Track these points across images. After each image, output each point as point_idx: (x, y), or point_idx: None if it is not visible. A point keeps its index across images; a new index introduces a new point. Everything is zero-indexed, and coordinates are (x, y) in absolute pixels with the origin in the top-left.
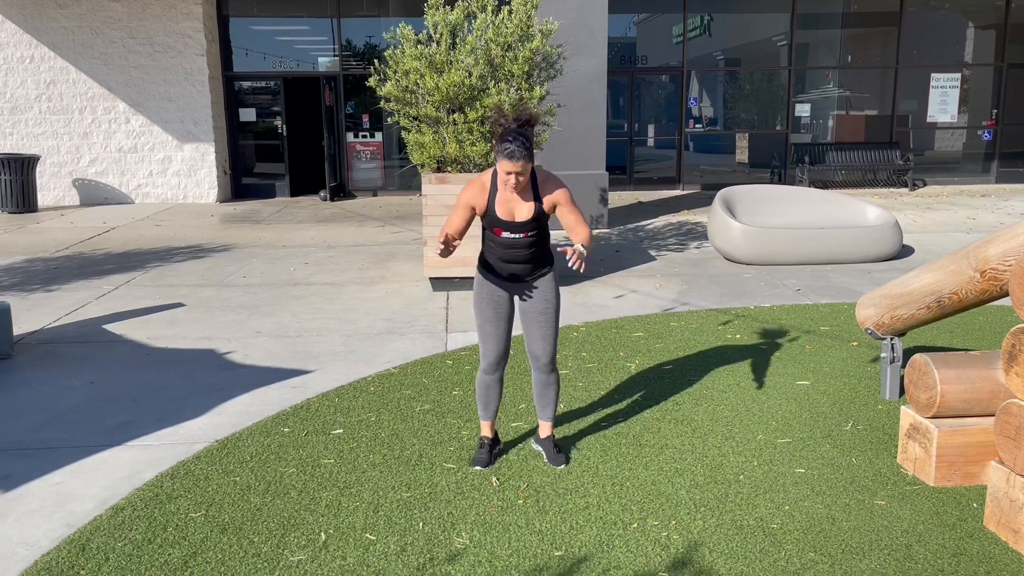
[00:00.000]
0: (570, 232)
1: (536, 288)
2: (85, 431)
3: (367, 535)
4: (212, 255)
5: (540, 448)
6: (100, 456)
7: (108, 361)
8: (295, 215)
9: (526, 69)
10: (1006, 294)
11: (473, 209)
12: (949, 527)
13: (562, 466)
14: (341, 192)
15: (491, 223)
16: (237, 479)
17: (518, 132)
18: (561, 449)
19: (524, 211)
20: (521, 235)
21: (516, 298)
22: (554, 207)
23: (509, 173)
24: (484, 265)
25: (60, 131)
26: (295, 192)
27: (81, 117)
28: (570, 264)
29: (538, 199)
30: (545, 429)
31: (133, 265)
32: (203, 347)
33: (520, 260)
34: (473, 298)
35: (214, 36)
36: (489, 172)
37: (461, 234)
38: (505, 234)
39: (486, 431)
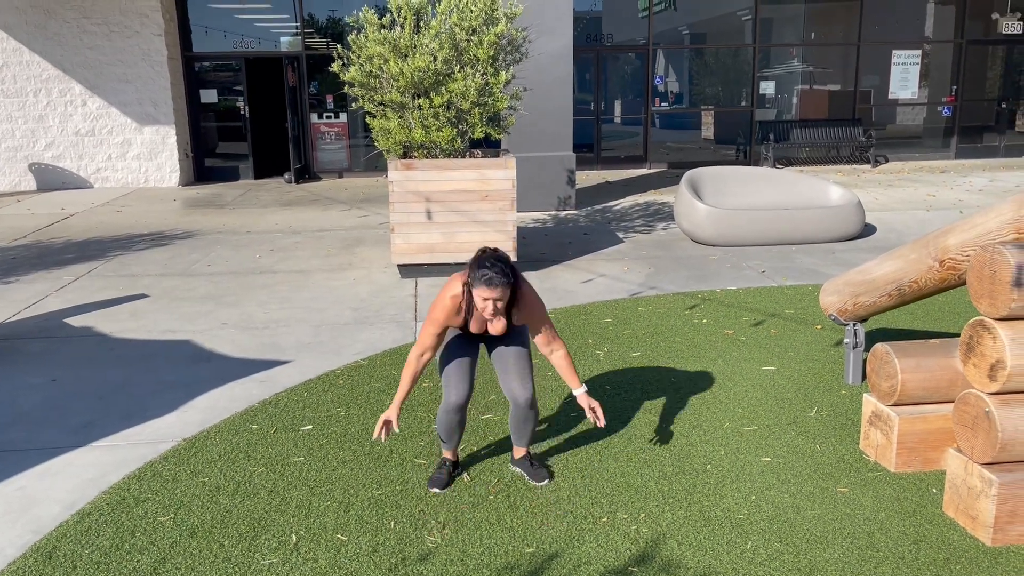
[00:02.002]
0: (543, 348)
1: (508, 338)
2: (49, 432)
3: (338, 536)
4: (175, 242)
5: (519, 469)
6: (65, 458)
7: (70, 357)
8: (259, 199)
9: (491, 53)
10: (964, 283)
11: (445, 331)
12: (909, 514)
13: (546, 481)
14: (306, 174)
15: (463, 332)
16: (206, 480)
17: (496, 257)
18: (540, 463)
19: (498, 326)
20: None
21: (486, 343)
22: (525, 323)
23: (487, 299)
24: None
25: (14, 114)
26: (259, 174)
27: (36, 100)
28: (598, 424)
29: (510, 319)
30: (520, 452)
31: (94, 254)
32: (168, 340)
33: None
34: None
35: (172, 15)
36: (461, 287)
37: (435, 351)
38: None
39: (448, 455)
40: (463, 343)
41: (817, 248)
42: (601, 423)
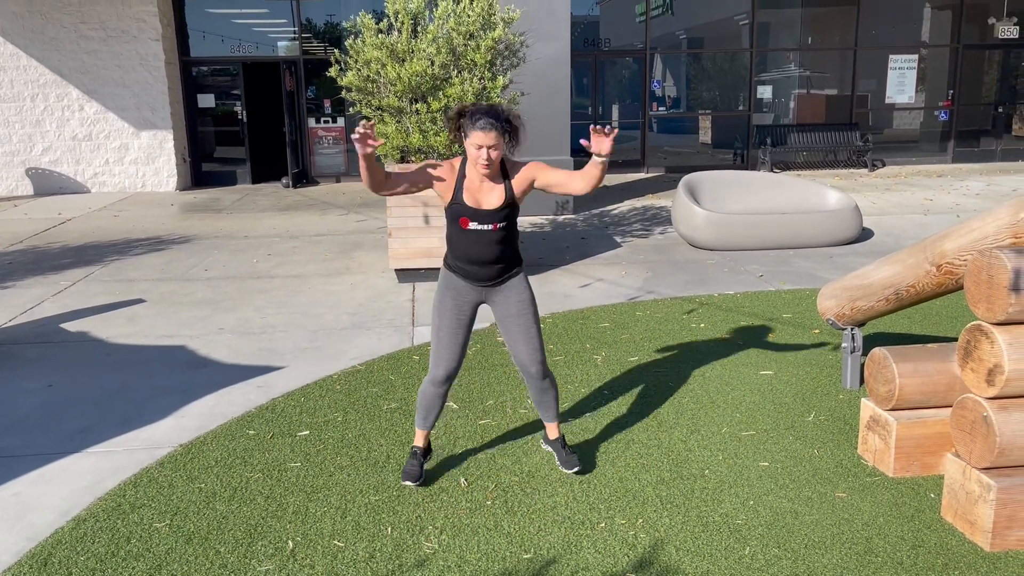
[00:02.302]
0: (570, 181)
1: (507, 291)
2: (44, 437)
3: (335, 542)
4: (172, 247)
5: (550, 448)
6: (60, 464)
7: (67, 362)
8: (257, 203)
9: (489, 58)
10: (961, 287)
11: (430, 181)
12: (908, 519)
13: (575, 469)
14: (304, 178)
15: (456, 213)
16: (202, 486)
17: (489, 107)
18: (573, 450)
19: (493, 198)
20: (489, 226)
21: (487, 305)
22: (530, 183)
23: (480, 147)
24: (450, 268)
25: (11, 119)
26: (256, 179)
27: (33, 104)
28: (601, 141)
29: (508, 187)
30: (552, 430)
31: (91, 259)
32: (165, 345)
33: (488, 260)
34: (434, 298)
35: (169, 20)
36: (459, 158)
37: (390, 180)
38: (472, 225)
39: (419, 440)
40: (457, 310)
41: (814, 252)
42: (608, 134)
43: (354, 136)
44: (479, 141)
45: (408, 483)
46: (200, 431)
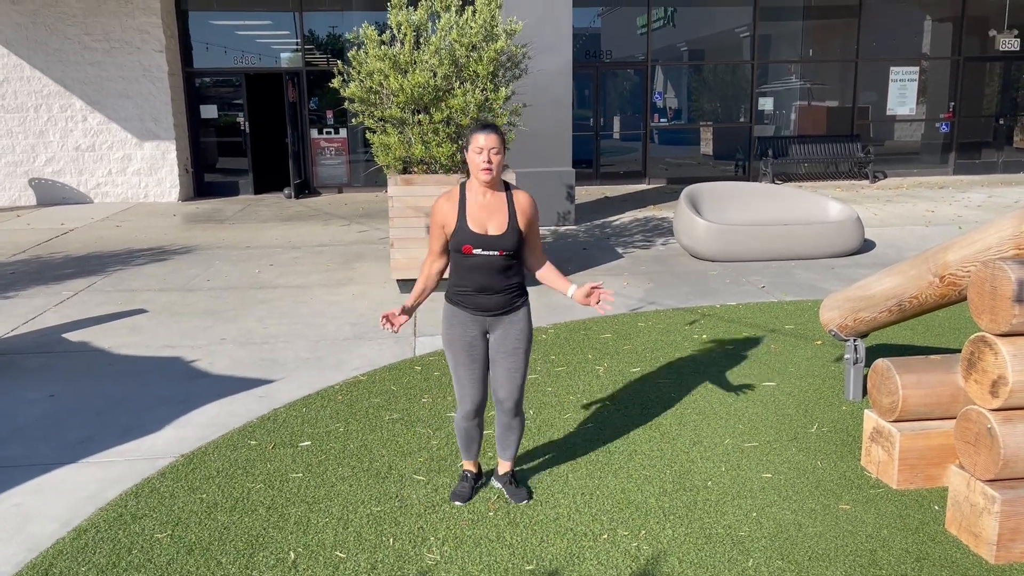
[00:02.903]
0: (530, 256)
1: (509, 325)
2: (46, 447)
3: (337, 553)
4: (174, 257)
5: (499, 485)
6: (62, 474)
7: (68, 372)
8: (259, 214)
9: (491, 69)
10: (964, 298)
11: (442, 226)
12: (912, 531)
13: (524, 501)
14: (306, 189)
15: (460, 241)
16: (203, 496)
17: (488, 121)
18: (520, 483)
19: (497, 223)
20: (495, 253)
21: (489, 335)
22: (527, 224)
23: (482, 150)
24: (453, 300)
25: (15, 129)
26: (259, 190)
27: (36, 115)
28: (603, 303)
29: (512, 212)
30: (504, 467)
31: (93, 269)
32: (167, 355)
33: (494, 289)
34: (443, 337)
35: (173, 31)
36: (456, 189)
37: (444, 260)
38: (477, 251)
39: (469, 467)
40: (468, 346)
41: (816, 263)
42: (605, 303)
43: (389, 328)
44: (480, 144)
45: (457, 503)
46: (201, 441)
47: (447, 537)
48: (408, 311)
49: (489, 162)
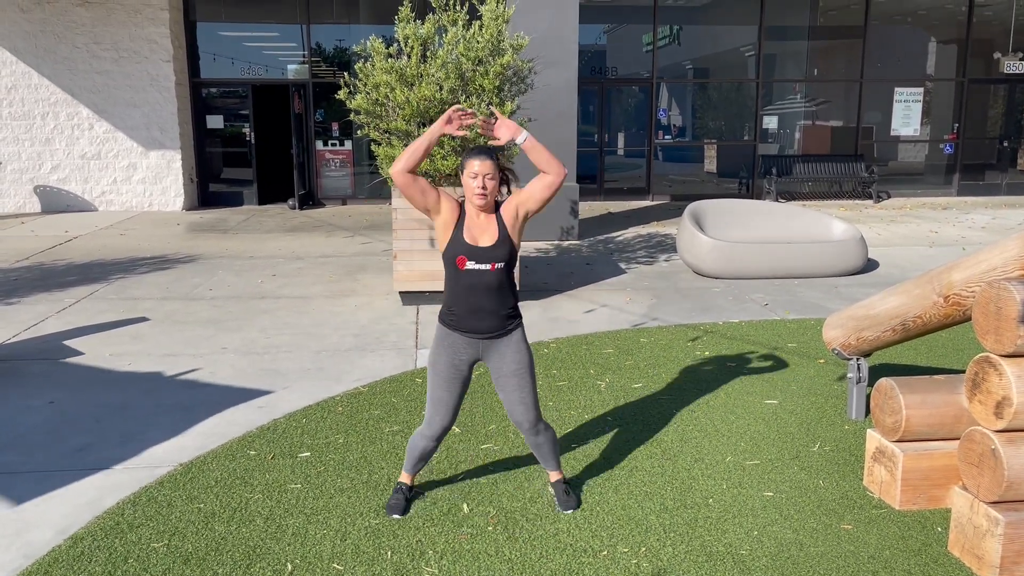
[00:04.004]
0: (538, 179)
1: (504, 348)
2: (45, 454)
3: (334, 565)
4: (178, 266)
5: (552, 491)
6: (60, 481)
7: (69, 379)
8: (263, 224)
9: (497, 84)
10: (969, 318)
11: (439, 205)
12: (914, 552)
13: (570, 510)
14: (310, 200)
15: (454, 253)
16: (201, 506)
17: (484, 146)
18: (570, 491)
19: (489, 234)
20: (487, 266)
21: (483, 362)
22: (516, 208)
23: (476, 175)
24: (446, 322)
25: (21, 137)
26: (263, 200)
27: (43, 123)
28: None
29: (501, 224)
30: (552, 476)
31: (96, 276)
32: (168, 364)
33: (487, 310)
34: (429, 357)
35: (181, 42)
36: (463, 199)
37: (419, 179)
38: (470, 264)
39: (406, 480)
40: (453, 369)
41: (819, 282)
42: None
43: (452, 114)
44: (475, 169)
45: (395, 516)
46: (201, 450)
47: (445, 551)
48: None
49: (483, 187)
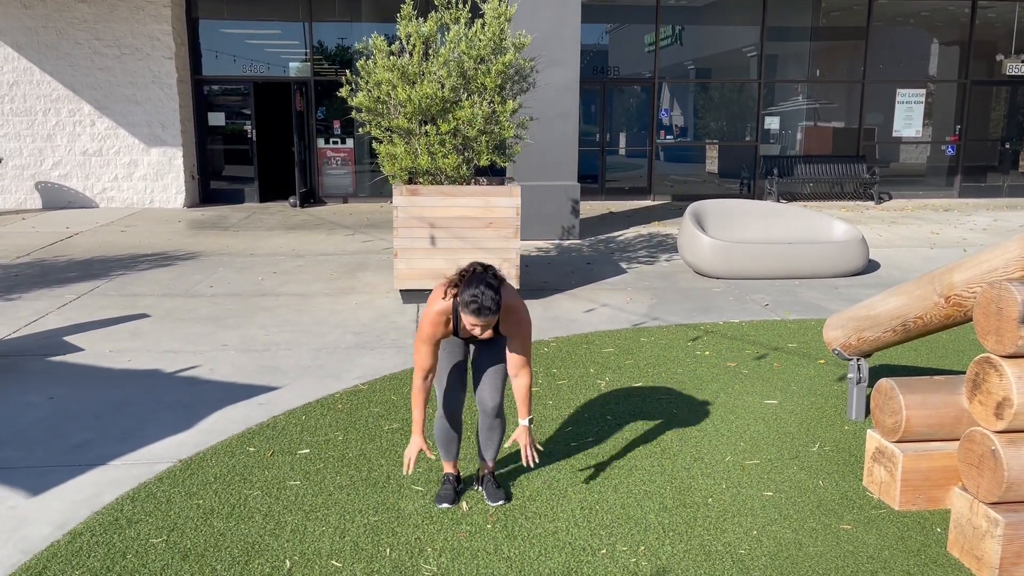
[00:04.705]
0: (510, 368)
1: (492, 342)
2: (44, 450)
3: (333, 562)
4: (178, 263)
5: (480, 488)
6: (59, 477)
7: (69, 375)
8: (264, 222)
9: (499, 82)
10: (970, 319)
11: (438, 339)
12: (914, 553)
13: (500, 502)
14: (311, 198)
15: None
16: (200, 502)
17: (487, 282)
18: (499, 484)
19: (485, 335)
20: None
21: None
22: (506, 327)
23: (474, 325)
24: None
25: (23, 133)
26: (264, 198)
27: (45, 119)
28: (525, 462)
29: (497, 330)
30: (487, 467)
31: (96, 273)
32: (168, 361)
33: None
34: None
35: (183, 39)
36: (449, 302)
37: (434, 367)
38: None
39: (449, 468)
40: (454, 347)
41: (820, 283)
42: (530, 462)
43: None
44: (472, 322)
45: (444, 505)
46: (200, 447)
47: (444, 548)
48: (421, 441)
49: (480, 332)
